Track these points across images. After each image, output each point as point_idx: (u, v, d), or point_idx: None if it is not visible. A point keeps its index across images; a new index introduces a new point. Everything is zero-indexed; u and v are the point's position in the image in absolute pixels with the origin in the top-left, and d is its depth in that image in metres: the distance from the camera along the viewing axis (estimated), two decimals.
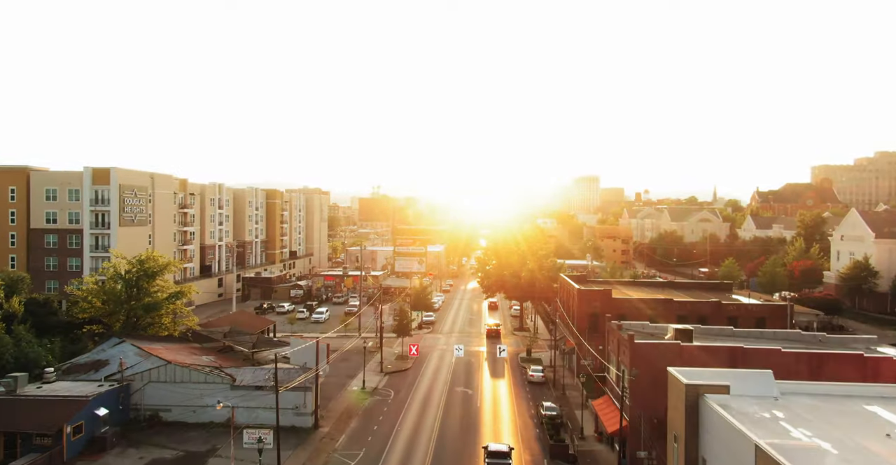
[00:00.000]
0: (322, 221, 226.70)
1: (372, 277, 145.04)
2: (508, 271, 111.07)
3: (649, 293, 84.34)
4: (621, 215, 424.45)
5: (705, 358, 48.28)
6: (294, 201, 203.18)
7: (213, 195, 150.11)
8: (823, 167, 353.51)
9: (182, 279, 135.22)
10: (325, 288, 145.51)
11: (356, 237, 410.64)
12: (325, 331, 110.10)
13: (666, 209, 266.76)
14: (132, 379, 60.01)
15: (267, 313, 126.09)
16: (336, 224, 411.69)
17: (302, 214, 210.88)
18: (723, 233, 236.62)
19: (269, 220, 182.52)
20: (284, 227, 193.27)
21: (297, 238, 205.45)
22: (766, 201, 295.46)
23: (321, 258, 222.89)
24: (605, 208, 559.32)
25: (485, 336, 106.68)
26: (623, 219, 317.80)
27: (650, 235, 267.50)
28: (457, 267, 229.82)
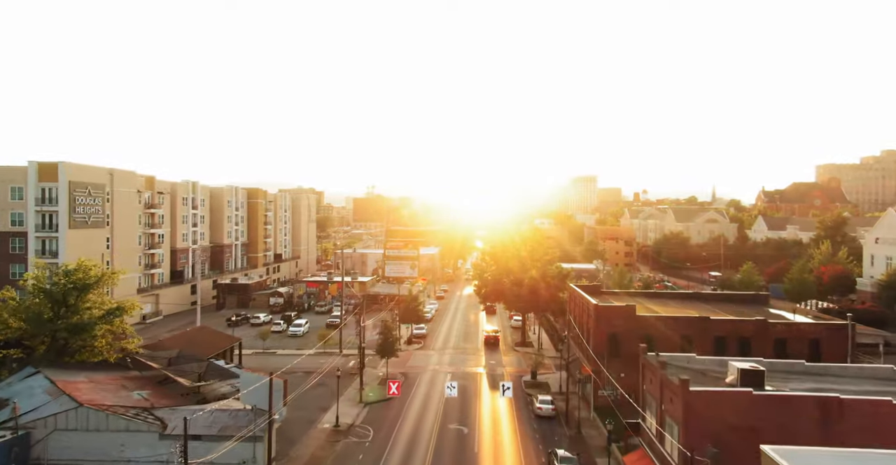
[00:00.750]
0: (310, 222, 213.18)
1: (359, 283, 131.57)
2: (508, 279, 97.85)
3: (676, 309, 71.12)
4: (621, 216, 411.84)
5: (787, 413, 35.05)
6: (279, 201, 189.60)
7: (185, 194, 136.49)
8: (829, 166, 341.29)
9: (149, 286, 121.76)
10: (308, 296, 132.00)
11: (349, 238, 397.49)
12: (302, 347, 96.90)
13: (670, 209, 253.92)
14: (33, 427, 46.54)
15: (240, 324, 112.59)
16: (329, 225, 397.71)
17: (288, 215, 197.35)
18: (731, 234, 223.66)
19: (251, 221, 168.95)
20: (268, 228, 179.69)
21: (282, 240, 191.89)
22: (773, 201, 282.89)
23: (309, 261, 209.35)
24: (603, 209, 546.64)
25: (483, 353, 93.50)
26: (624, 219, 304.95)
27: (653, 236, 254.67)
28: (452, 270, 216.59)
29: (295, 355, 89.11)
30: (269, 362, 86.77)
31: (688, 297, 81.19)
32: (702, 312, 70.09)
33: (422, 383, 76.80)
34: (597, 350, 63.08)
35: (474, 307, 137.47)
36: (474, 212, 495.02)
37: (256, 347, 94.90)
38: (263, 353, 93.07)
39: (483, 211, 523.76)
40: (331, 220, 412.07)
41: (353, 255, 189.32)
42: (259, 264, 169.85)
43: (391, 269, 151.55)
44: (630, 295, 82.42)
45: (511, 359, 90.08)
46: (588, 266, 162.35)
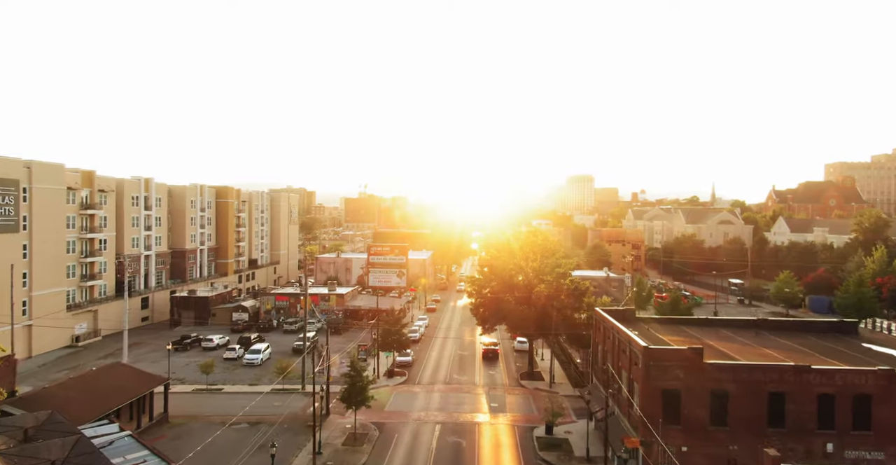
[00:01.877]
0: (292, 223, 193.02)
1: (336, 296, 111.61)
2: (513, 297, 78.28)
3: (746, 348, 51.51)
4: (622, 216, 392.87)
5: None
6: (254, 201, 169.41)
7: (135, 192, 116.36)
8: (839, 165, 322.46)
9: (86, 301, 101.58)
10: (277, 311, 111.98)
11: (338, 241, 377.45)
12: (258, 379, 77.17)
13: (679, 210, 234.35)
14: None
15: (190, 347, 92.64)
16: (317, 226, 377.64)
17: (265, 216, 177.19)
18: (746, 237, 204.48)
19: (220, 223, 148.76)
20: (241, 231, 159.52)
21: (258, 244, 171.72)
22: (784, 201, 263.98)
23: (290, 267, 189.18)
24: (602, 209, 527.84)
25: (482, 388, 73.83)
26: (627, 220, 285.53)
27: (660, 238, 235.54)
28: (446, 276, 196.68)
29: (245, 395, 69.56)
30: (208, 406, 67.06)
31: (748, 325, 61.41)
32: (776, 349, 50.58)
33: (401, 442, 56.99)
34: (647, 411, 43.45)
35: (470, 322, 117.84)
36: (469, 212, 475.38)
37: (199, 382, 75.04)
38: (207, 390, 73.16)
39: (478, 211, 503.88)
40: (320, 221, 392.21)
41: (336, 260, 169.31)
42: (230, 271, 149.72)
43: (375, 278, 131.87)
44: (672, 323, 62.77)
45: (517, 400, 70.27)
46: (596, 273, 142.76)
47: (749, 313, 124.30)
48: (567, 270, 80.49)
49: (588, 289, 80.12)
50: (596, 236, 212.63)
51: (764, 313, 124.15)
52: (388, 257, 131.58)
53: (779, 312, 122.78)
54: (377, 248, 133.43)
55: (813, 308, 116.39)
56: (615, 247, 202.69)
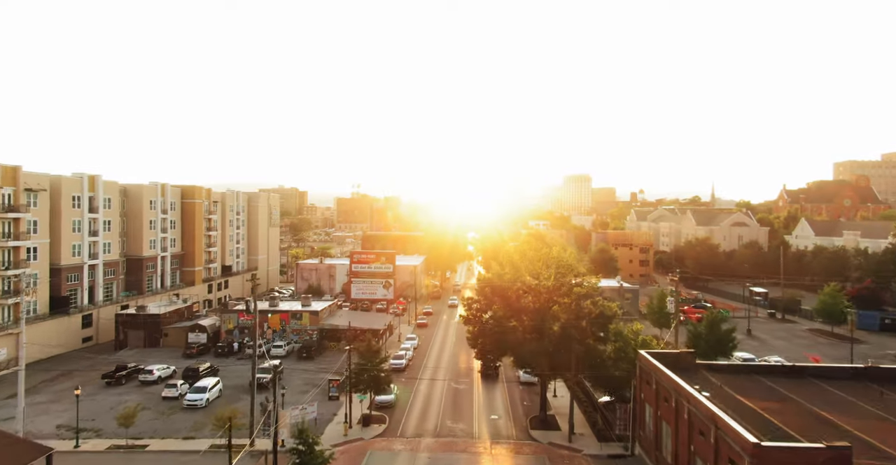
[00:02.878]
0: (272, 226, 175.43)
1: (309, 314, 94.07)
2: (521, 324, 61.11)
3: (867, 423, 34.44)
4: (623, 217, 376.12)
5: None
6: (228, 202, 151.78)
7: (76, 192, 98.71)
8: (849, 163, 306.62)
9: (8, 322, 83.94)
10: (241, 331, 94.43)
11: (330, 242, 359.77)
12: (196, 430, 59.90)
13: (689, 211, 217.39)
14: None
15: (126, 381, 75.09)
16: (306, 227, 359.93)
17: (242, 219, 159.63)
18: (762, 240, 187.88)
19: (186, 227, 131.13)
20: (212, 235, 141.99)
21: (233, 249, 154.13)
22: (796, 201, 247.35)
23: (270, 274, 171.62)
24: (598, 209, 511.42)
25: (481, 434, 56.67)
26: (630, 222, 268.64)
27: (667, 241, 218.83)
28: (440, 283, 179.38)
29: (176, 456, 52.43)
30: None
31: (853, 375, 44.20)
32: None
33: None
34: None
35: (465, 341, 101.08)
36: (464, 212, 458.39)
37: (121, 434, 57.63)
38: (126, 448, 55.74)
39: (474, 211, 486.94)
40: (309, 222, 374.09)
41: (318, 267, 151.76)
42: (197, 280, 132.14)
43: (359, 289, 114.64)
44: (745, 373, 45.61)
45: (528, 462, 53.04)
46: (607, 283, 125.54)
47: (787, 330, 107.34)
48: (590, 288, 63.17)
49: (616, 313, 62.95)
50: (600, 239, 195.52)
51: (804, 330, 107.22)
52: (374, 265, 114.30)
53: (822, 329, 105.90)
54: (361, 255, 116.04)
55: (862, 325, 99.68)
56: (622, 251, 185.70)
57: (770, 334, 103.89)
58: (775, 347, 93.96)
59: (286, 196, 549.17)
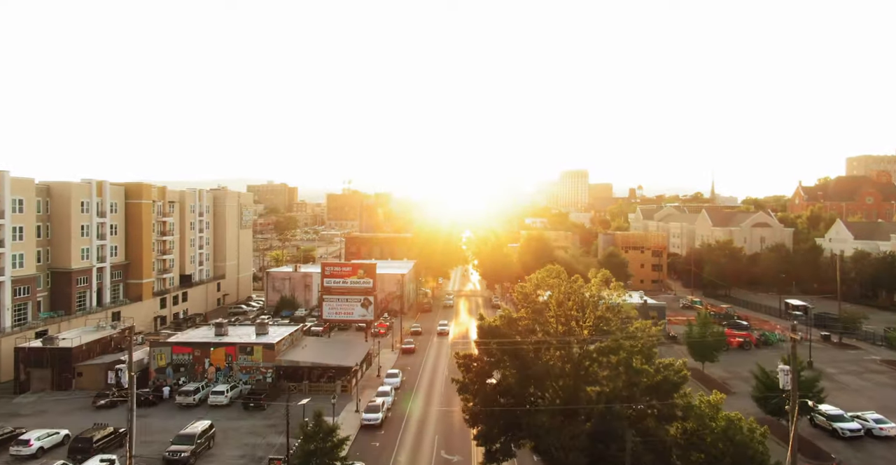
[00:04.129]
0: (243, 228, 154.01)
1: (262, 348, 72.80)
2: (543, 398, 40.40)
3: None
4: (622, 214, 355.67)
5: None
6: (189, 202, 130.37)
7: None
8: (864, 158, 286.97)
9: None
10: (175, 369, 73.08)
11: (319, 241, 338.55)
12: None
13: (704, 211, 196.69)
14: None
15: None
16: (293, 226, 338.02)
17: (206, 220, 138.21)
18: (787, 242, 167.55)
19: (132, 232, 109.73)
20: (167, 241, 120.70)
21: (194, 256, 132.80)
22: (814, 199, 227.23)
23: (240, 282, 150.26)
24: (596, 205, 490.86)
25: None
26: (635, 221, 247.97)
27: (678, 242, 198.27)
28: (431, 291, 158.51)
29: None
30: None
31: None
32: None
33: None
34: None
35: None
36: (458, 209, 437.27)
37: None
38: None
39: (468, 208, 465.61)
40: (295, 220, 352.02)
41: (292, 276, 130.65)
42: (146, 294, 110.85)
43: (331, 309, 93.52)
44: None
45: None
46: (633, 299, 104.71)
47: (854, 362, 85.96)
48: (647, 341, 42.28)
49: (685, 376, 42.04)
50: (608, 241, 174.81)
51: (875, 361, 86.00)
52: (350, 279, 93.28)
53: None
54: (335, 268, 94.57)
55: None
56: (632, 255, 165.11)
57: (835, 366, 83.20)
58: (849, 386, 73.43)
59: (275, 192, 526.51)
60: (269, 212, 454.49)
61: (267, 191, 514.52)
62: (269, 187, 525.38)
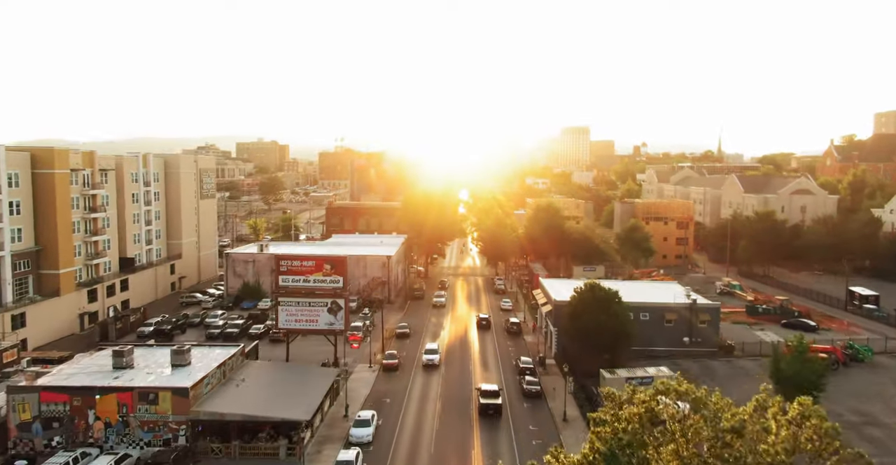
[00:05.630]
0: (204, 197, 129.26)
1: (171, 394, 49.23)
2: None
3: None
4: (629, 174, 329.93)
5: None
6: (129, 169, 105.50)
7: None
8: (894, 114, 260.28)
9: None
10: (45, 424, 49.85)
11: (309, 203, 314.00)
12: None
13: (734, 175, 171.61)
14: None
15: None
16: (280, 187, 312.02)
17: (155, 190, 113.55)
18: (831, 212, 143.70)
19: (43, 209, 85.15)
20: (98, 219, 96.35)
21: (139, 234, 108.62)
22: (848, 159, 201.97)
23: (203, 262, 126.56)
24: (599, 164, 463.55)
25: None
26: (648, 184, 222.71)
27: (700, 209, 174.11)
28: (425, 269, 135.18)
29: None
30: None
31: None
32: None
33: None
34: None
35: (462, 404, 58.18)
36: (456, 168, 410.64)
37: None
38: None
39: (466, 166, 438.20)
40: (282, 181, 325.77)
41: (256, 258, 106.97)
42: (65, 286, 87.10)
43: (290, 315, 69.93)
44: None
45: None
46: (672, 294, 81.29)
47: None
48: None
49: None
50: (627, 210, 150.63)
51: None
52: (314, 277, 69.49)
53: None
54: (292, 262, 70.11)
55: None
56: (655, 227, 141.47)
57: None
58: None
59: (265, 150, 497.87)
60: (259, 171, 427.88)
61: (257, 149, 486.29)
62: (259, 145, 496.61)
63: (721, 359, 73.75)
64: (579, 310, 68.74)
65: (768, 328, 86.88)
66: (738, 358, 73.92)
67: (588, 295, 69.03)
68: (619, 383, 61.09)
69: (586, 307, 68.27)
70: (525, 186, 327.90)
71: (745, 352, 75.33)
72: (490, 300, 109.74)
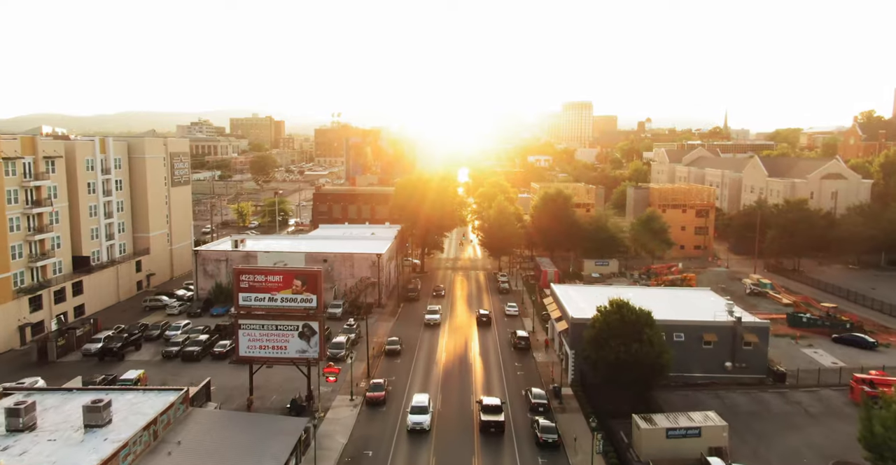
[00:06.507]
0: (177, 184, 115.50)
1: None
2: None
3: None
4: (633, 151, 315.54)
5: None
6: (83, 155, 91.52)
7: None
8: None
9: None
10: None
11: (302, 182, 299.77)
12: None
13: (757, 157, 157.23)
14: None
15: None
16: (272, 166, 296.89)
17: (116, 179, 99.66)
18: (864, 197, 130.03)
19: None
20: (45, 213, 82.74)
21: (96, 229, 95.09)
22: (874, 138, 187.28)
23: (175, 257, 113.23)
24: (602, 140, 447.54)
25: None
26: (659, 164, 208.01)
27: (717, 192, 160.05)
28: (422, 262, 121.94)
29: None
30: None
31: None
32: None
33: None
34: None
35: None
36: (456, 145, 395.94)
37: None
38: None
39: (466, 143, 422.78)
40: (274, 159, 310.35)
41: (229, 256, 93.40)
42: (2, 294, 74.02)
43: (252, 341, 56.57)
44: None
45: None
46: (710, 308, 68.05)
47: None
48: None
49: None
50: (641, 197, 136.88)
51: None
52: (282, 295, 56.11)
53: None
54: (254, 277, 56.45)
55: None
56: (672, 215, 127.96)
57: None
58: None
59: (260, 126, 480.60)
60: (253, 148, 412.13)
61: (251, 125, 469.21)
62: (254, 121, 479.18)
63: (772, 390, 60.87)
64: (604, 335, 55.65)
65: (816, 344, 73.98)
66: (794, 389, 60.99)
67: (615, 318, 55.78)
68: (657, 436, 48.31)
69: (613, 333, 55.15)
70: (527, 164, 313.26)
71: (799, 381, 62.39)
72: (493, 303, 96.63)
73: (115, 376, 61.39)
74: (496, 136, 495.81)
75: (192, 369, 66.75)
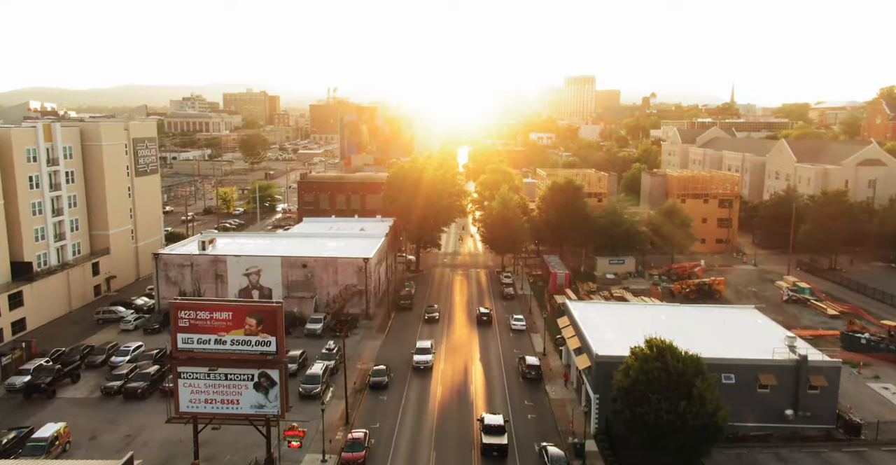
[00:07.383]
0: (142, 173, 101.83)
1: None
2: None
3: None
4: (639, 127, 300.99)
5: None
6: (25, 143, 77.89)
7: None
8: None
9: None
10: None
11: (295, 160, 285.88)
12: None
13: (784, 141, 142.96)
14: None
15: None
16: (263, 145, 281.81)
17: (67, 171, 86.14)
18: None
19: None
20: None
21: (44, 228, 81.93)
22: None
23: (140, 255, 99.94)
24: (605, 116, 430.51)
25: None
26: (671, 144, 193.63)
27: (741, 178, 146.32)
28: (417, 259, 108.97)
29: None
30: None
31: None
32: None
33: None
34: None
35: None
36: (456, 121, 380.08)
37: None
38: None
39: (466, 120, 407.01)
40: (264, 139, 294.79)
41: (195, 260, 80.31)
42: None
43: (195, 393, 43.78)
44: None
45: None
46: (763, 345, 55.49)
47: None
48: None
49: None
50: (659, 185, 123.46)
51: None
52: (231, 336, 43.54)
53: None
54: (196, 314, 44.19)
55: None
56: (692, 205, 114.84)
57: None
58: None
59: (254, 102, 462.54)
60: (247, 125, 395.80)
61: (245, 100, 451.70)
62: (248, 96, 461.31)
63: (846, 448, 48.49)
64: (641, 388, 43.13)
65: (885, 376, 61.52)
66: (873, 447, 48.61)
67: (656, 366, 43.17)
68: None
69: (653, 386, 42.64)
70: (530, 142, 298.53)
71: (879, 435, 49.98)
72: (496, 310, 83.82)
73: (30, 430, 48.92)
74: (497, 111, 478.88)
75: (132, 414, 54.29)
